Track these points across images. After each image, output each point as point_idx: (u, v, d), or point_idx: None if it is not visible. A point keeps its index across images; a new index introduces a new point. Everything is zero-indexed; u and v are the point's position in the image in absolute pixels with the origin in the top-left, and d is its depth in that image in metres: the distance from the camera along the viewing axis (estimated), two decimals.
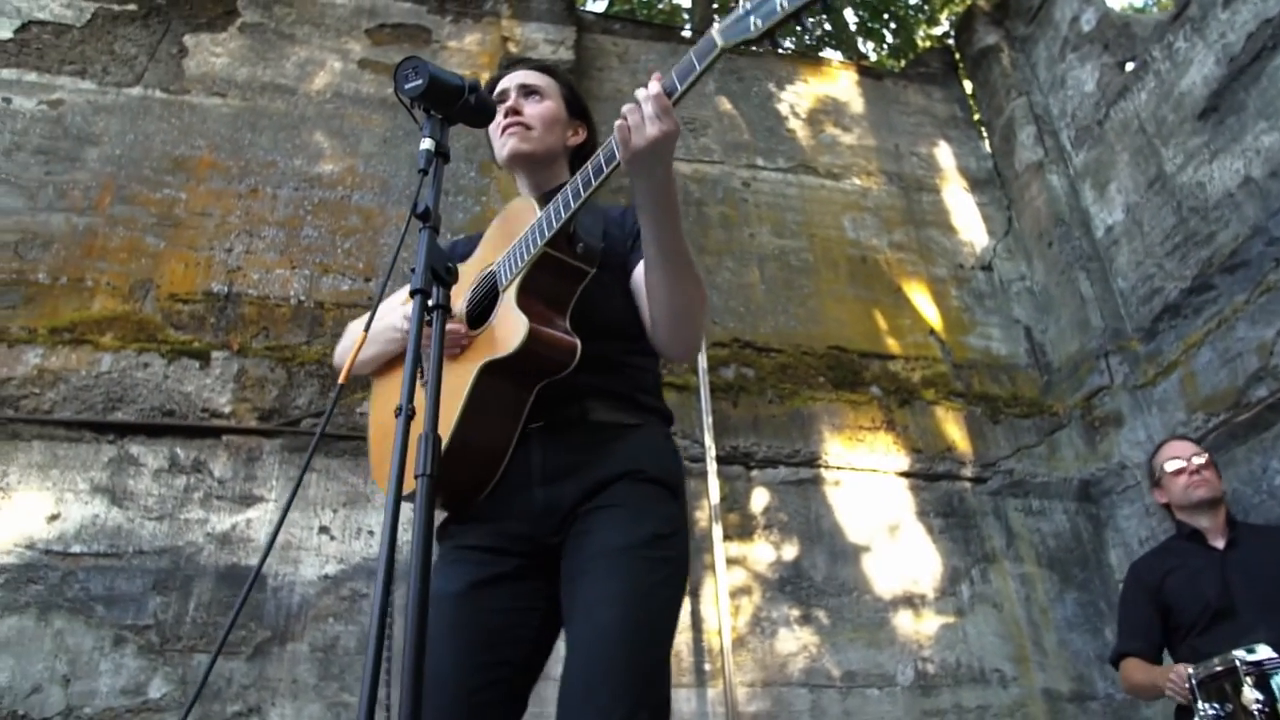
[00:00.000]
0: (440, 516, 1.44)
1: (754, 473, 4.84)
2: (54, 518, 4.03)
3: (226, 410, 4.41)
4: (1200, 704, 1.65)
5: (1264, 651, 1.58)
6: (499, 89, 1.66)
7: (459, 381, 1.32)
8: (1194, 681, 1.70)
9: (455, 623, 1.26)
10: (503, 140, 1.57)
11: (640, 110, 1.22)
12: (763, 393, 5.05)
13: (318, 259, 4.97)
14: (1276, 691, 1.53)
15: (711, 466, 4.61)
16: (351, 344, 1.45)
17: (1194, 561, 2.19)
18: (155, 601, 3.95)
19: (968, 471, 5.09)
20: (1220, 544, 2.19)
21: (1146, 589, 2.20)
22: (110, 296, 4.60)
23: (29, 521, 3.99)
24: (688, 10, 10.15)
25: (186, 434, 4.33)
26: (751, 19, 1.13)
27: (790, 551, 4.67)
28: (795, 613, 4.51)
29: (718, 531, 4.49)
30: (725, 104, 6.19)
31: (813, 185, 5.91)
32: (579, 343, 1.31)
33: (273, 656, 3.95)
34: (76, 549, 3.99)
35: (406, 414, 1.09)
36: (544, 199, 1.54)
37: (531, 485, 1.33)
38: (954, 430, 5.20)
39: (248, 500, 4.25)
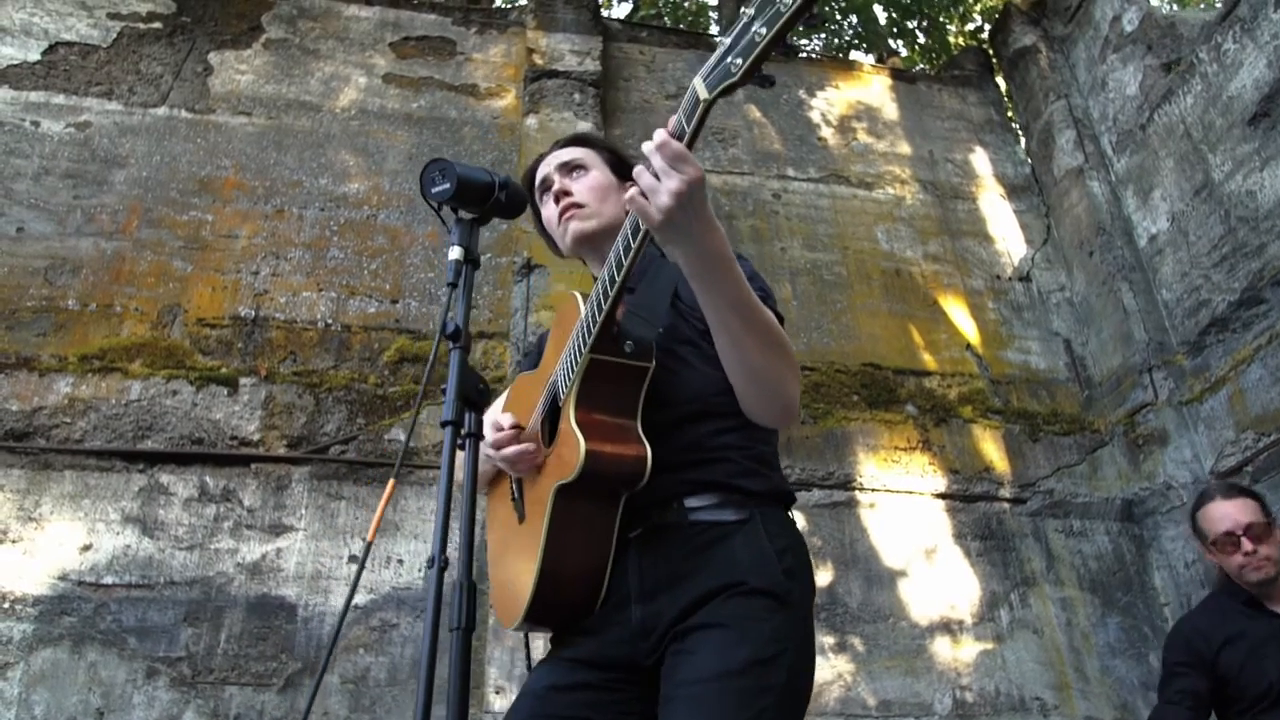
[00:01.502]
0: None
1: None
2: (86, 548, 4.03)
3: (255, 438, 4.39)
4: None
5: None
6: (540, 176, 1.57)
7: (539, 508, 1.24)
8: None
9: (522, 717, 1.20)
10: (561, 228, 1.49)
11: (650, 167, 1.11)
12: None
13: (344, 280, 4.93)
14: None
15: None
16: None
17: (1255, 631, 2.07)
18: (187, 633, 3.95)
19: (1006, 492, 4.96)
20: None
21: (1200, 660, 2.08)
22: (139, 322, 4.60)
23: (62, 552, 4.00)
24: (714, 8, 10.00)
25: (216, 462, 4.32)
26: (729, 61, 1.03)
27: (824, 577, 4.58)
28: (830, 640, 4.42)
29: None
30: (755, 112, 6.07)
31: (845, 195, 5.78)
32: (648, 452, 1.19)
33: (304, 688, 3.94)
34: (109, 580, 3.99)
35: (440, 565, 1.01)
36: None
37: (630, 602, 1.23)
38: (991, 449, 5.07)
39: (277, 530, 4.24)
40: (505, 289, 5.08)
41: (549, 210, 1.52)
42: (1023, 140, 6.27)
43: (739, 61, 1.00)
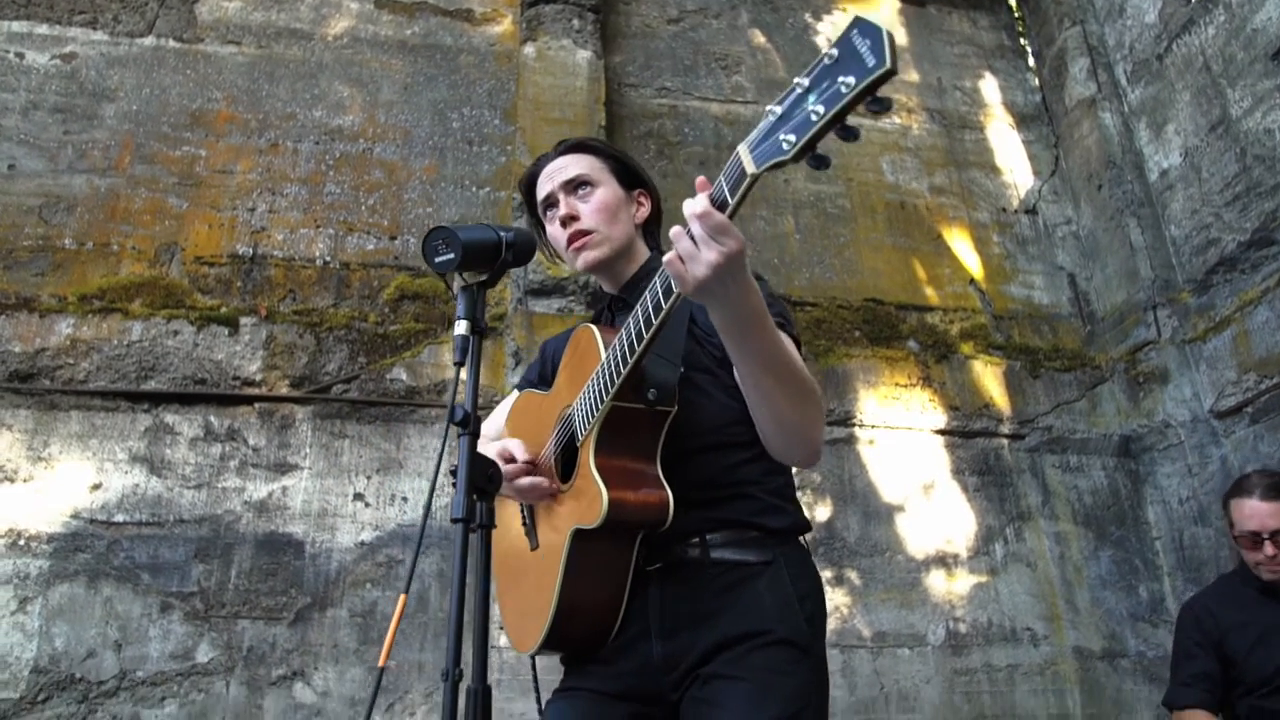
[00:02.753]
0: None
1: None
2: (96, 487, 4.10)
3: (257, 378, 4.41)
4: None
5: None
6: (544, 193, 1.49)
7: (555, 541, 1.22)
8: None
9: None
10: (572, 255, 1.44)
11: (688, 234, 1.05)
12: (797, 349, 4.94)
13: (342, 217, 4.88)
14: None
15: None
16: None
17: (1265, 618, 2.09)
18: (198, 569, 4.05)
19: (1005, 428, 5.00)
20: None
21: (1209, 640, 2.11)
22: (137, 261, 4.57)
23: (72, 491, 4.07)
24: None
25: (219, 402, 4.35)
26: (781, 137, 0.96)
27: (823, 513, 4.65)
28: (828, 574, 4.51)
29: None
30: (759, 37, 5.89)
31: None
32: (670, 498, 1.17)
33: (313, 622, 4.05)
34: (120, 518, 4.07)
35: (453, 678, 1.00)
36: (628, 288, 1.41)
37: (650, 637, 1.22)
38: (992, 386, 5.09)
39: (283, 468, 4.29)
40: (505, 224, 5.01)
41: (554, 229, 1.46)
42: (1034, 67, 6.09)
43: (791, 139, 0.93)
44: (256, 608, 4.03)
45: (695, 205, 1.05)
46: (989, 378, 5.11)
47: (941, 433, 4.93)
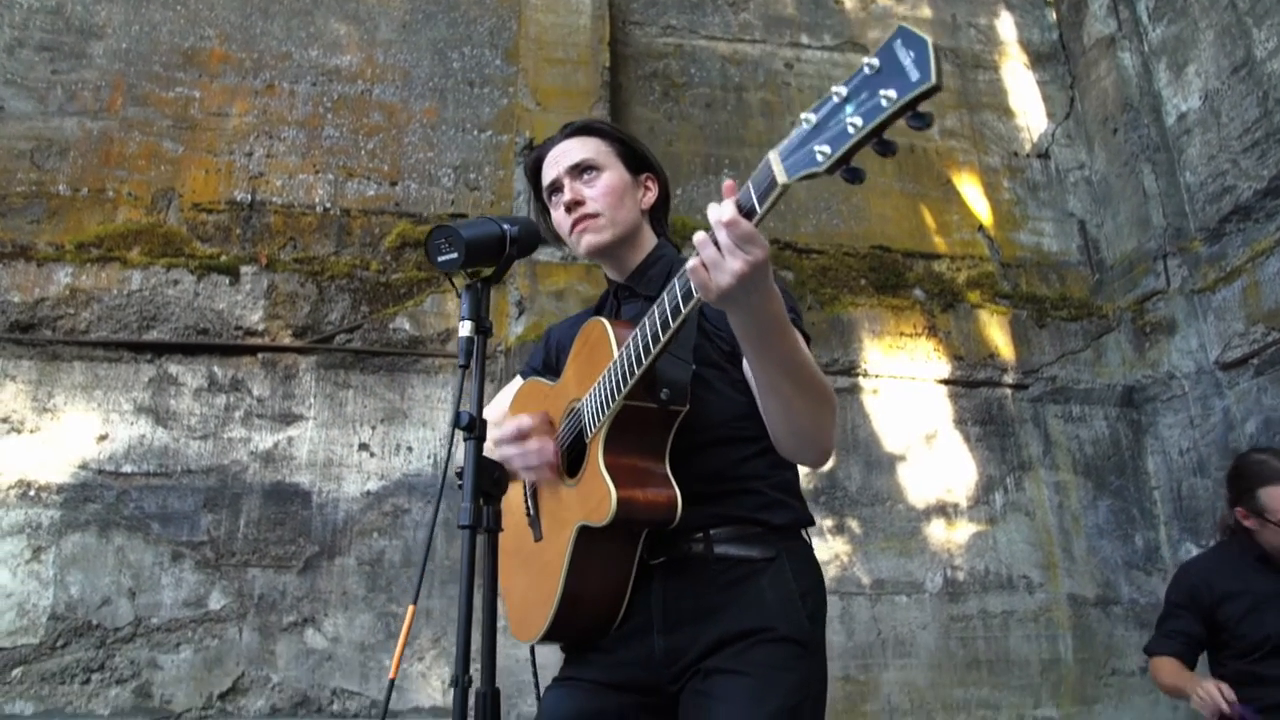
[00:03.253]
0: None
1: None
2: (103, 438, 4.12)
3: (260, 328, 4.39)
4: None
5: None
6: (549, 180, 1.45)
7: (559, 535, 1.21)
8: None
9: None
10: (575, 238, 1.41)
11: (713, 240, 1.02)
12: (802, 299, 4.91)
13: (341, 162, 4.78)
14: None
15: None
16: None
17: (1260, 587, 2.13)
18: (207, 519, 4.10)
19: (1009, 378, 4.99)
20: None
21: (1201, 605, 2.16)
22: (133, 208, 4.50)
23: (79, 442, 4.09)
24: None
25: (222, 352, 4.34)
26: (815, 148, 0.92)
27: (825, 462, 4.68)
28: (828, 523, 4.57)
29: None
30: None
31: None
32: (678, 496, 1.16)
33: (322, 570, 4.12)
34: (128, 469, 4.10)
35: (463, 684, 1.00)
36: (635, 276, 1.38)
37: (652, 631, 1.23)
38: (997, 335, 5.06)
39: (288, 419, 4.31)
40: (506, 169, 4.93)
41: (559, 214, 1.42)
42: (1053, 3, 5.89)
43: (826, 150, 0.89)
44: (266, 556, 4.09)
45: (722, 212, 1.02)
46: (994, 327, 5.08)
47: (945, 382, 4.93)
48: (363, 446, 4.35)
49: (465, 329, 1.15)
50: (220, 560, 4.05)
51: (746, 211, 1.02)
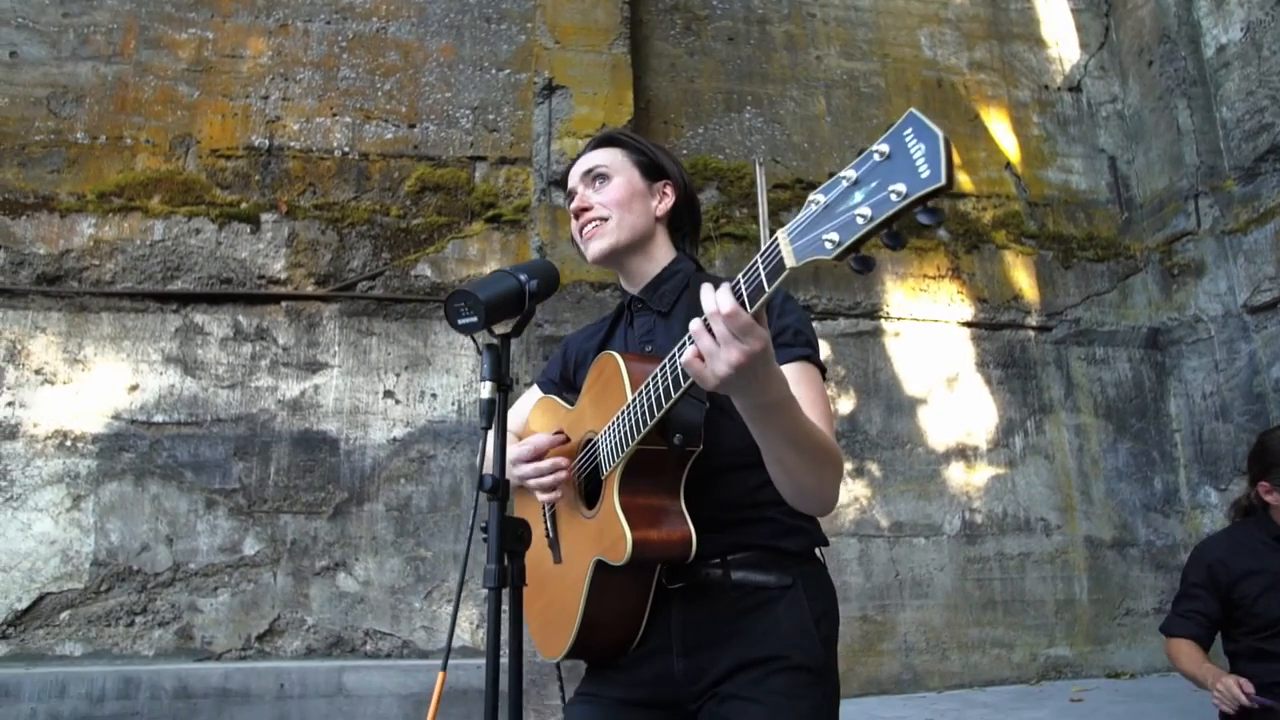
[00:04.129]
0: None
1: (814, 324, 4.77)
2: (134, 388, 4.19)
3: (282, 276, 4.40)
4: None
5: None
6: (569, 189, 1.43)
7: (578, 564, 1.24)
8: None
9: None
10: (584, 244, 1.38)
11: (708, 329, 0.98)
12: None
13: (358, 104, 4.72)
14: None
15: None
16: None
17: (1276, 566, 2.14)
18: (238, 467, 4.19)
19: (1033, 320, 4.96)
20: None
21: (1218, 584, 2.17)
22: (152, 155, 4.48)
23: (111, 393, 4.16)
24: None
25: (247, 301, 4.36)
26: (824, 235, 0.88)
27: (846, 405, 4.71)
28: (848, 466, 4.62)
29: None
30: None
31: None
32: (693, 535, 1.16)
33: (352, 516, 4.22)
34: (159, 418, 4.18)
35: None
36: (649, 290, 1.38)
37: (671, 653, 1.24)
38: (1022, 277, 5.01)
39: (313, 367, 4.35)
40: (526, 109, 4.84)
41: (574, 223, 1.41)
42: None
43: (834, 239, 0.86)
44: (297, 503, 4.19)
45: (720, 302, 0.97)
46: (1019, 268, 5.02)
47: (968, 325, 4.91)
48: (388, 394, 4.40)
49: (486, 390, 1.14)
50: (252, 507, 4.16)
51: (753, 289, 0.97)
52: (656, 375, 1.11)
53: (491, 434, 1.15)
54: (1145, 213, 5.10)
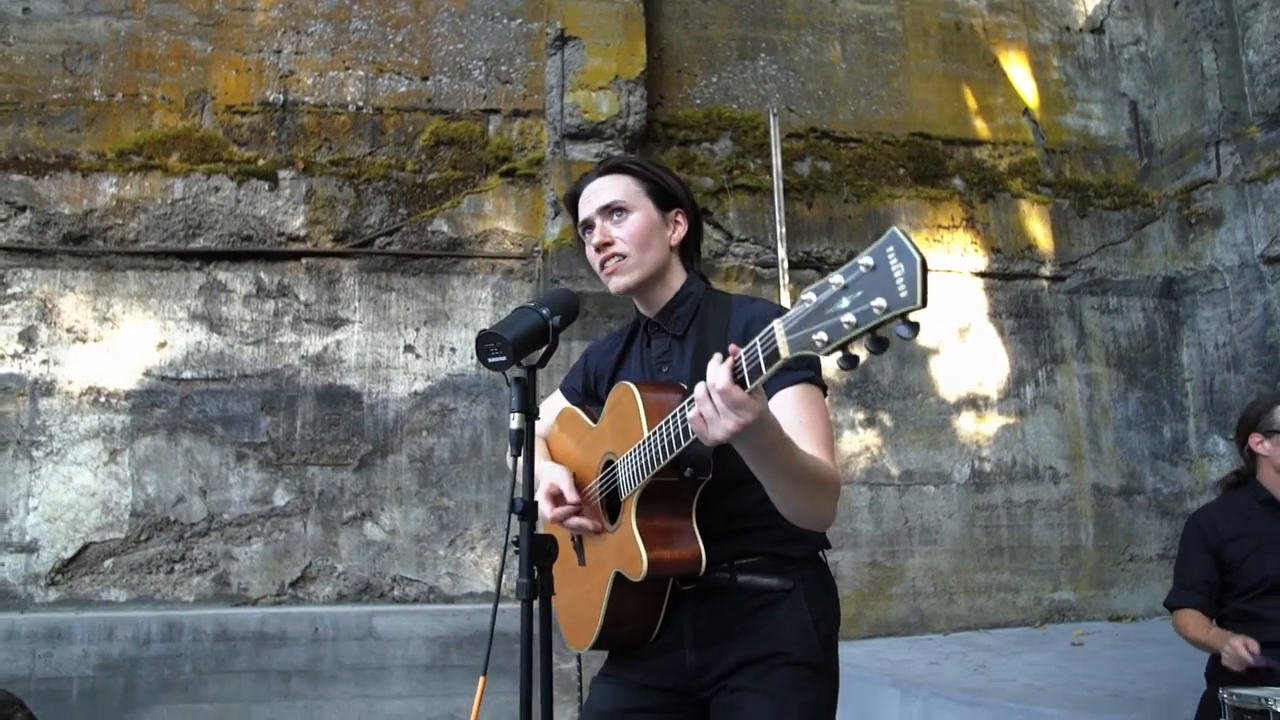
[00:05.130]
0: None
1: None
2: (162, 345, 4.30)
3: (302, 233, 4.46)
4: None
5: None
6: (583, 218, 1.48)
7: (600, 570, 1.38)
8: (1225, 697, 1.82)
9: None
10: (605, 277, 1.45)
11: (711, 400, 1.09)
12: (839, 190, 4.86)
13: (370, 57, 4.70)
14: None
15: (784, 278, 4.59)
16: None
17: (1263, 529, 2.21)
18: (266, 421, 4.32)
19: (1046, 270, 4.96)
20: None
21: (1209, 547, 2.25)
22: (168, 112, 4.51)
23: (141, 350, 4.28)
24: None
25: (268, 259, 4.44)
26: (815, 334, 0.96)
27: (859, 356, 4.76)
28: (860, 416, 4.70)
29: None
30: None
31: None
32: (703, 552, 1.28)
33: (376, 467, 4.37)
34: (188, 374, 4.30)
35: None
36: (664, 314, 1.47)
37: (684, 647, 1.36)
38: (1037, 226, 5.00)
39: (334, 323, 4.45)
40: (538, 60, 4.82)
41: (590, 251, 1.46)
42: None
43: (824, 338, 0.94)
44: (323, 455, 4.33)
45: (718, 380, 1.07)
46: (1034, 218, 5.00)
47: (981, 275, 4.92)
48: (408, 348, 4.50)
49: (515, 422, 1.24)
50: (281, 460, 4.30)
51: (752, 371, 1.05)
52: (670, 420, 1.21)
53: (521, 460, 1.24)
54: (1165, 159, 5.05)
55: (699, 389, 1.11)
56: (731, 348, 1.09)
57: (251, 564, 4.19)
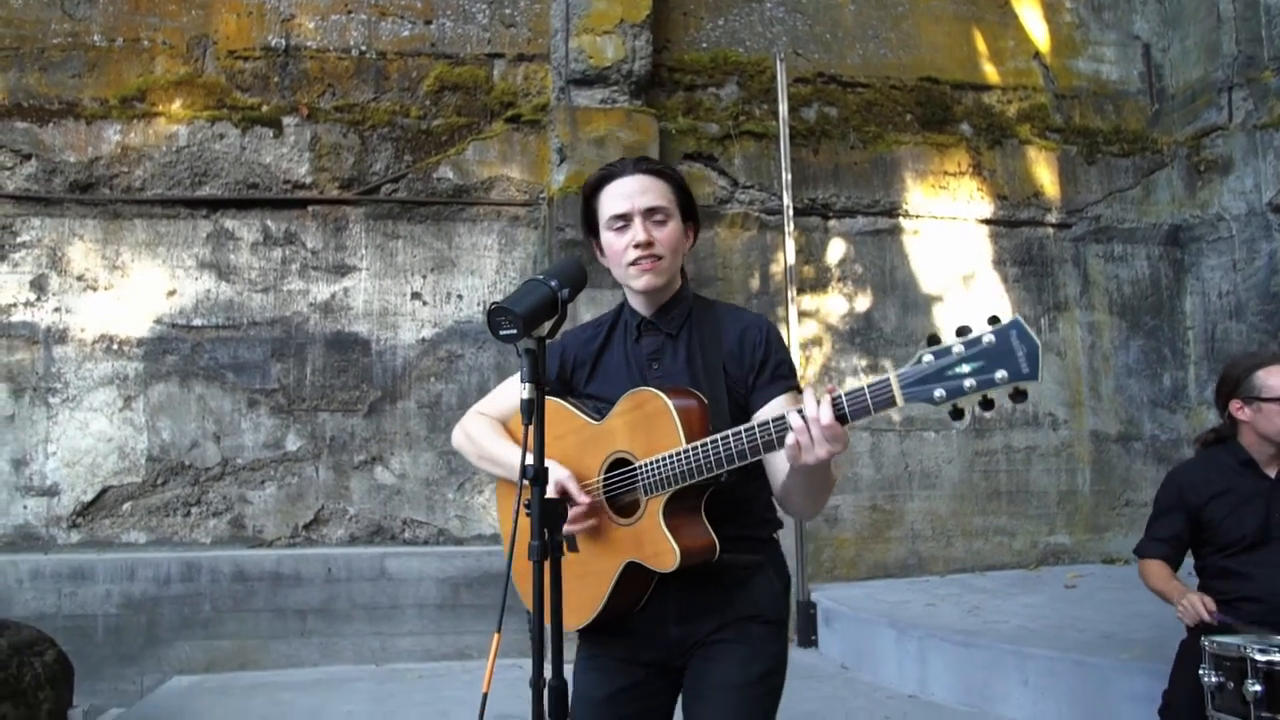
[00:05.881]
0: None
1: (831, 223, 4.81)
2: (171, 293, 4.35)
3: (308, 181, 4.47)
4: (1204, 668, 1.86)
5: (1274, 654, 1.73)
6: (619, 210, 1.51)
7: (604, 561, 1.47)
8: (1206, 645, 1.89)
9: None
10: (635, 271, 1.50)
11: (810, 431, 1.24)
12: (845, 137, 4.83)
13: (372, 0, 4.65)
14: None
15: (788, 225, 4.59)
16: (478, 453, 1.65)
17: (1242, 488, 2.24)
18: (276, 368, 4.39)
19: (1052, 217, 4.95)
20: (1273, 473, 2.24)
21: (1188, 507, 2.30)
22: (170, 57, 4.48)
23: (151, 298, 4.33)
24: None
25: (274, 206, 4.45)
26: (935, 390, 1.16)
27: (863, 303, 4.80)
28: (863, 363, 4.75)
29: (791, 292, 4.60)
30: None
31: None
32: (716, 541, 1.41)
33: (385, 413, 4.44)
34: (198, 322, 4.36)
35: (538, 687, 1.26)
36: (660, 313, 1.55)
37: (667, 622, 1.48)
38: (1044, 173, 4.97)
39: (342, 270, 4.48)
40: (543, 2, 4.75)
41: (619, 241, 1.50)
42: None
43: (942, 394, 1.13)
44: (333, 401, 4.41)
45: (822, 416, 1.23)
46: (1042, 164, 4.98)
47: (986, 222, 4.92)
48: (415, 295, 4.54)
49: (526, 392, 1.29)
50: (292, 406, 4.38)
51: (852, 413, 1.23)
52: (729, 437, 1.33)
53: (532, 429, 1.30)
54: (1176, 104, 4.99)
55: (794, 419, 1.25)
56: (829, 387, 1.24)
57: (265, 507, 4.29)
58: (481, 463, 1.66)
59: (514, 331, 1.29)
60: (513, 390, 1.67)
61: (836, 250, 4.79)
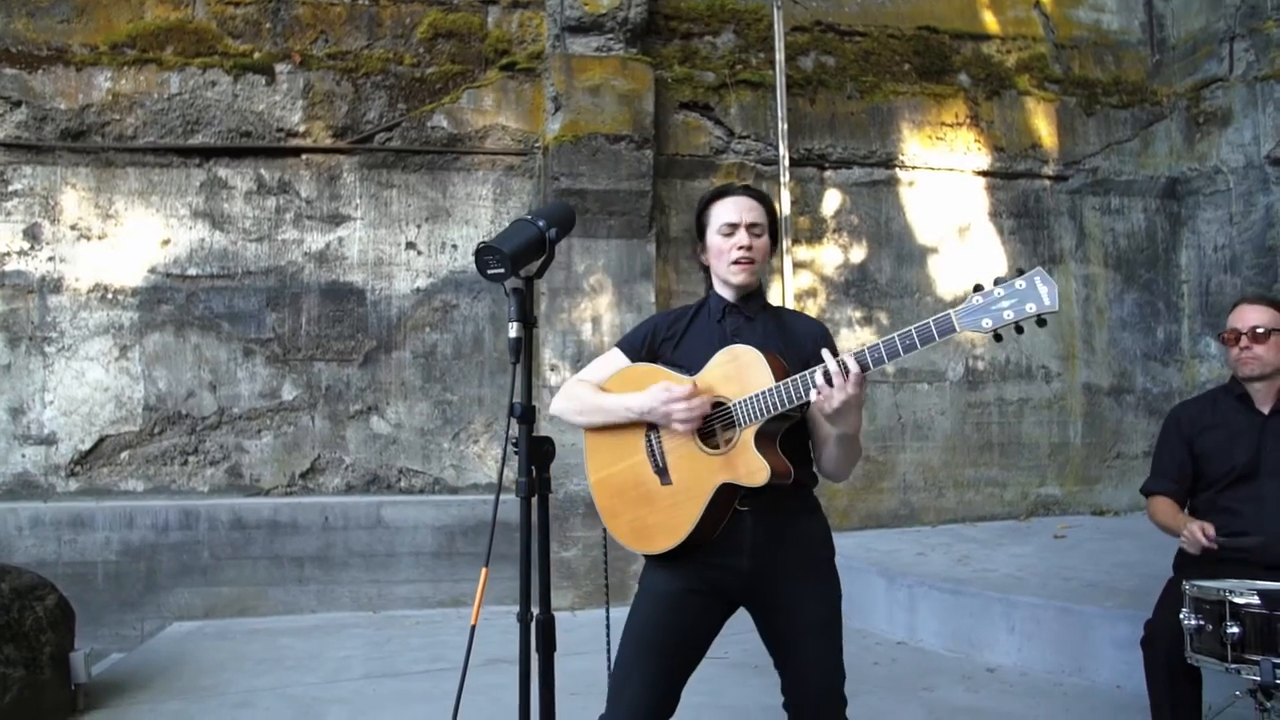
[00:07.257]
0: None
1: (827, 174, 4.78)
2: (166, 242, 4.34)
3: (301, 129, 4.43)
4: (1185, 611, 1.90)
5: (1251, 597, 1.77)
6: (732, 219, 1.83)
7: (697, 485, 1.70)
8: (1187, 589, 1.92)
9: (666, 611, 1.76)
10: (736, 270, 1.82)
11: (834, 372, 1.53)
12: (842, 86, 4.78)
13: None
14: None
15: (784, 175, 4.57)
16: (580, 408, 1.83)
17: (1235, 422, 2.27)
18: (271, 317, 4.39)
19: (1049, 170, 4.93)
20: (1266, 409, 2.26)
21: (1184, 438, 2.33)
22: (159, 2, 4.41)
23: (145, 247, 4.32)
24: None
25: (268, 155, 4.42)
26: (981, 319, 1.47)
27: (858, 255, 4.79)
28: (857, 314, 4.76)
29: (786, 243, 4.60)
30: None
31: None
32: (790, 464, 1.68)
33: (381, 363, 4.46)
34: (192, 271, 4.35)
35: (526, 621, 1.36)
36: (743, 300, 1.83)
37: (742, 554, 1.73)
38: (1042, 125, 4.93)
39: (336, 219, 4.47)
40: None
41: (725, 242, 1.81)
42: None
43: (987, 323, 1.46)
44: (329, 351, 4.42)
45: (853, 366, 1.54)
46: (1040, 115, 4.94)
47: (984, 174, 4.90)
48: (409, 245, 4.53)
49: (514, 330, 1.31)
50: (288, 355, 4.39)
51: (888, 357, 1.54)
52: (807, 374, 1.57)
53: (519, 368, 1.33)
54: (1177, 55, 4.94)
55: (818, 378, 1.54)
56: (843, 357, 1.54)
57: (262, 456, 4.33)
58: (581, 416, 1.84)
59: (502, 271, 1.31)
60: (610, 361, 1.89)
61: (832, 201, 4.78)
